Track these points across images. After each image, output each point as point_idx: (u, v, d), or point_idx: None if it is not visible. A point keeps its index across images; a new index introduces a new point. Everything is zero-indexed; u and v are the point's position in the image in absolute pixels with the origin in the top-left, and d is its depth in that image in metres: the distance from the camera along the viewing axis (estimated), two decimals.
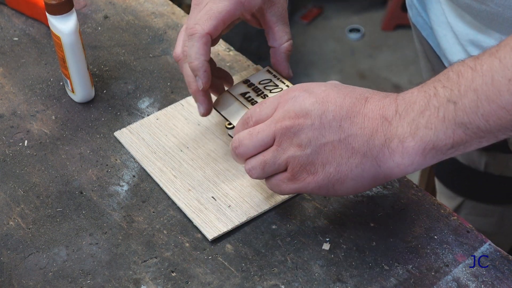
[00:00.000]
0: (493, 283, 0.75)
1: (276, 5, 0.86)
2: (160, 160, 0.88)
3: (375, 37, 2.68)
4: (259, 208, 0.82)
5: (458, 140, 0.68)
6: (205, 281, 0.76)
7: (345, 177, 0.72)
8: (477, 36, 0.87)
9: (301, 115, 0.72)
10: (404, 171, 0.71)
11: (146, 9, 1.12)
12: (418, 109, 0.69)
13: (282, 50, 0.87)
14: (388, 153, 0.70)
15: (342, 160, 0.71)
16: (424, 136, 0.68)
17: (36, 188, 0.87)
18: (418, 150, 0.69)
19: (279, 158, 0.74)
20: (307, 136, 0.72)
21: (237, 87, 0.88)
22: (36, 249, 0.80)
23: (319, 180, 0.73)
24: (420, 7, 1.03)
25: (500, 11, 0.80)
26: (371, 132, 0.71)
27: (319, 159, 0.72)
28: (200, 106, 0.85)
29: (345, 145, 0.71)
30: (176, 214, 0.83)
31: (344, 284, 0.76)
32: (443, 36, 0.95)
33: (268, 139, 0.74)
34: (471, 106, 0.66)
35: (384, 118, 0.71)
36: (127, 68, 1.02)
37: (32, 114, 0.96)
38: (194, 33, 0.80)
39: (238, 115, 0.84)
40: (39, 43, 1.07)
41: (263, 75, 0.89)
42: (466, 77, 0.66)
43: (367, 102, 0.72)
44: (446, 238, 0.79)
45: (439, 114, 0.68)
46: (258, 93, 0.86)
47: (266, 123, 0.74)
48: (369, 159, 0.71)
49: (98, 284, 0.77)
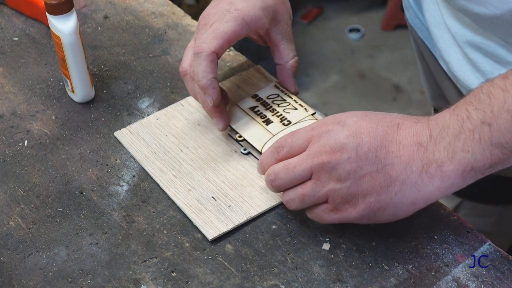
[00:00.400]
0: (493, 283, 0.75)
1: (281, 24, 0.89)
2: (160, 160, 0.88)
3: (375, 37, 2.68)
4: (259, 208, 0.82)
5: (496, 159, 0.69)
6: (205, 281, 0.76)
7: (386, 206, 0.73)
8: (474, 38, 0.87)
9: (337, 149, 0.73)
10: (443, 193, 0.72)
11: (146, 9, 1.12)
12: (453, 133, 0.70)
13: (288, 67, 0.90)
14: (427, 178, 0.71)
15: (381, 190, 0.72)
16: (462, 159, 0.69)
17: (36, 188, 0.87)
18: (457, 173, 0.70)
19: (319, 192, 0.74)
20: (345, 170, 0.72)
21: (246, 101, 0.92)
22: (36, 249, 0.80)
23: (360, 210, 0.74)
24: (417, 8, 1.03)
25: (499, 13, 0.80)
26: (407, 159, 0.71)
27: (359, 190, 0.73)
28: (218, 122, 0.87)
29: (383, 174, 0.72)
30: (176, 214, 0.83)
31: (344, 284, 0.76)
32: (440, 37, 0.95)
33: (305, 173, 0.75)
34: (506, 126, 0.67)
35: (419, 144, 0.71)
36: (127, 68, 1.02)
37: (32, 114, 0.96)
38: (201, 52, 0.83)
39: (248, 128, 0.88)
40: (39, 43, 1.07)
41: (270, 90, 0.92)
42: (498, 98, 0.67)
43: (399, 129, 0.72)
44: (446, 238, 0.79)
45: (474, 136, 0.68)
46: (267, 107, 0.90)
47: (302, 157, 0.75)
48: (408, 186, 0.72)
49: (98, 284, 0.77)
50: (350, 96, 2.44)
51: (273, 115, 0.89)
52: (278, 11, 0.88)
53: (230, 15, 0.84)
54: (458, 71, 0.92)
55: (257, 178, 0.85)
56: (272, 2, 0.87)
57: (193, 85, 0.88)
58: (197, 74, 0.83)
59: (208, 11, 0.87)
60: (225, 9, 0.85)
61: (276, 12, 0.88)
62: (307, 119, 0.89)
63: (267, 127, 0.88)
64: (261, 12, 0.86)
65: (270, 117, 0.89)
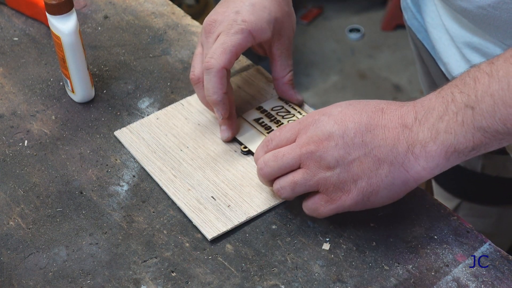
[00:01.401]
0: (493, 283, 0.75)
1: (283, 38, 0.90)
2: (160, 159, 0.88)
3: (375, 37, 2.68)
4: (259, 208, 0.82)
5: (478, 142, 0.70)
6: (205, 281, 0.76)
7: (378, 188, 0.74)
8: (473, 39, 0.87)
9: (324, 138, 0.74)
10: (431, 173, 0.73)
11: (146, 9, 1.12)
12: (437, 115, 0.71)
13: (284, 81, 0.91)
14: (413, 159, 0.72)
15: (371, 173, 0.73)
16: (445, 140, 0.71)
17: (36, 188, 0.87)
18: (440, 153, 0.71)
19: (310, 180, 0.75)
20: (334, 157, 0.74)
21: (251, 113, 0.92)
22: (36, 249, 0.80)
23: (354, 196, 0.74)
24: (415, 10, 1.03)
25: (497, 14, 0.80)
26: (393, 141, 0.73)
27: (350, 176, 0.74)
28: (225, 131, 0.89)
29: (371, 158, 0.73)
30: (176, 214, 0.83)
31: (344, 284, 0.76)
32: (438, 38, 0.95)
33: (294, 162, 0.76)
34: (489, 111, 0.68)
35: (404, 126, 0.73)
36: (127, 68, 1.02)
37: (32, 114, 0.96)
38: (211, 68, 0.84)
39: (253, 139, 0.89)
40: (39, 43, 1.07)
41: (275, 102, 0.93)
42: (483, 83, 0.68)
43: (384, 113, 0.74)
44: (446, 238, 0.79)
45: (457, 119, 0.70)
46: (271, 118, 0.91)
47: (291, 146, 0.76)
48: (396, 167, 0.73)
49: (98, 284, 0.77)
50: (350, 96, 2.44)
51: (278, 126, 0.90)
52: (283, 25, 0.89)
53: (238, 27, 0.85)
54: (457, 72, 0.92)
55: (257, 178, 0.85)
56: (279, 16, 0.88)
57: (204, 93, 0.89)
58: (208, 90, 0.85)
59: (213, 18, 0.88)
60: (231, 19, 0.85)
61: (281, 27, 0.88)
62: None
63: None
64: (266, 26, 0.86)
65: (275, 128, 0.89)
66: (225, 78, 0.85)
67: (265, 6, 0.86)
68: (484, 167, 1.18)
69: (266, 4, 0.87)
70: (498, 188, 1.22)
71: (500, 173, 1.19)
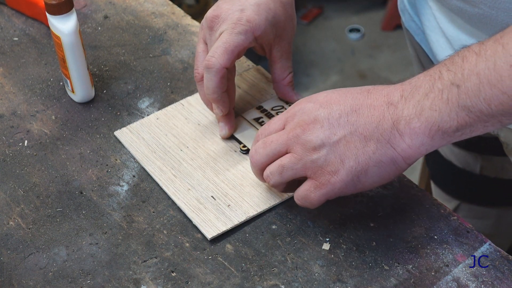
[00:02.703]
0: (493, 283, 0.75)
1: (284, 41, 0.90)
2: (160, 159, 0.88)
3: (375, 37, 2.68)
4: (259, 208, 0.82)
5: (463, 122, 0.69)
6: (205, 281, 0.76)
7: (367, 166, 0.73)
8: (469, 41, 0.87)
9: (309, 121, 0.74)
10: (417, 152, 0.72)
11: (146, 9, 1.12)
12: (423, 92, 0.71)
13: (284, 84, 0.91)
14: (398, 135, 0.72)
15: (358, 151, 0.73)
16: (429, 117, 0.70)
17: (36, 188, 0.87)
18: (424, 130, 0.71)
19: (297, 164, 0.75)
20: (319, 138, 0.73)
21: (251, 112, 0.92)
22: (36, 249, 0.80)
23: (343, 177, 0.73)
24: (413, 12, 1.02)
25: (493, 14, 0.80)
26: (378, 118, 0.72)
27: (337, 156, 0.73)
28: (223, 127, 0.90)
29: (357, 136, 0.73)
30: (176, 214, 0.83)
31: (344, 284, 0.76)
32: (435, 41, 0.95)
33: (281, 147, 0.76)
34: (474, 90, 0.67)
35: (390, 103, 0.73)
36: (127, 68, 1.02)
37: (32, 114, 0.96)
38: (211, 67, 0.84)
39: (252, 138, 0.88)
40: (39, 43, 1.07)
41: (275, 102, 0.93)
42: (470, 61, 0.68)
43: (370, 93, 0.74)
44: (446, 238, 0.79)
45: (443, 96, 0.69)
46: (271, 118, 0.90)
47: (279, 133, 0.77)
48: (383, 144, 0.72)
49: (98, 284, 0.77)
50: None
51: None
52: (285, 28, 0.89)
53: (241, 27, 0.85)
54: None
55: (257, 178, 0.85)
56: (282, 19, 0.88)
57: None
58: (208, 89, 0.86)
59: (217, 13, 0.87)
60: (236, 18, 0.85)
61: (283, 29, 0.88)
62: None
63: None
64: (269, 28, 0.86)
65: None
66: (225, 77, 0.85)
67: (270, 7, 0.86)
68: (483, 168, 1.18)
69: (271, 5, 0.86)
70: (497, 189, 1.22)
71: (498, 175, 1.19)
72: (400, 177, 0.85)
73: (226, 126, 0.89)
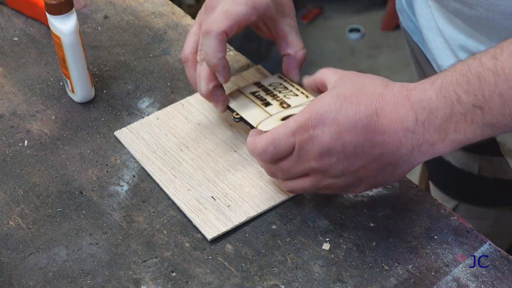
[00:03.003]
0: (493, 283, 0.75)
1: (288, 17, 0.89)
2: (160, 159, 0.88)
3: (375, 37, 2.68)
4: (259, 208, 0.82)
5: (486, 135, 0.70)
6: (205, 281, 0.76)
7: (384, 182, 0.77)
8: (467, 42, 0.87)
9: (324, 155, 0.74)
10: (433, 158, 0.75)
11: (146, 9, 1.12)
12: (443, 116, 0.70)
13: (297, 58, 0.88)
14: (418, 154, 0.73)
15: (378, 173, 0.75)
16: (454, 139, 0.70)
17: (36, 188, 0.87)
18: (449, 149, 0.72)
19: (318, 185, 0.77)
20: (338, 169, 0.74)
21: (248, 87, 0.90)
22: (36, 249, 0.80)
23: (362, 189, 0.77)
24: (410, 12, 1.02)
25: (490, 16, 0.80)
26: (396, 146, 0.72)
27: (356, 179, 0.76)
28: (217, 105, 0.87)
29: (376, 163, 0.74)
30: (176, 214, 0.83)
31: (344, 284, 0.76)
32: (432, 41, 0.95)
33: (301, 173, 0.77)
34: (498, 109, 0.67)
35: (406, 129, 0.71)
36: (127, 68, 1.02)
37: (32, 114, 0.96)
38: (210, 31, 0.82)
39: (246, 107, 0.87)
40: (39, 43, 1.07)
41: (274, 79, 0.91)
42: (489, 82, 0.67)
43: (379, 117, 0.72)
44: (446, 238, 0.79)
45: (466, 119, 0.69)
46: (268, 92, 0.89)
47: (293, 162, 0.76)
48: (401, 164, 0.74)
49: (98, 284, 0.77)
50: None
51: (273, 99, 0.87)
52: (285, 4, 0.88)
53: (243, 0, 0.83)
54: None
55: (257, 178, 0.85)
56: None
57: (193, 72, 0.87)
58: (207, 54, 0.82)
59: None
60: None
61: (283, 5, 0.88)
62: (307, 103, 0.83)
63: (265, 108, 0.86)
64: (270, 2, 0.85)
65: (270, 100, 0.87)
66: (225, 43, 0.82)
67: None
68: (481, 168, 1.18)
69: None
70: (495, 190, 1.22)
71: (497, 175, 1.19)
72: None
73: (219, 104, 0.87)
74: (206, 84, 0.86)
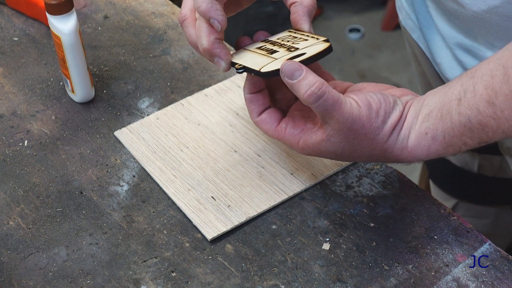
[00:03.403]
0: (493, 283, 0.75)
1: None
2: (160, 159, 0.88)
3: (375, 37, 2.68)
4: (259, 208, 0.82)
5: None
6: (205, 281, 0.76)
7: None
8: (464, 40, 0.87)
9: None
10: None
11: (146, 9, 1.12)
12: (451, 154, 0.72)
13: (305, 3, 0.78)
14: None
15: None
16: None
17: (36, 188, 0.87)
18: None
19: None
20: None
21: (254, 44, 0.82)
22: (36, 249, 0.80)
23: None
24: (410, 10, 1.02)
25: (488, 17, 0.80)
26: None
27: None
28: (219, 61, 0.77)
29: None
30: (176, 214, 0.83)
31: (344, 284, 0.76)
32: (431, 39, 0.95)
33: None
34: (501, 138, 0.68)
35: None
36: (127, 68, 1.02)
37: (32, 114, 0.96)
38: None
39: (250, 59, 0.78)
40: (39, 43, 1.07)
41: (283, 34, 0.81)
42: (491, 126, 0.67)
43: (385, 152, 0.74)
44: (446, 238, 0.79)
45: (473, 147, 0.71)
46: (275, 44, 0.79)
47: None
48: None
49: (98, 284, 0.77)
50: None
51: (280, 47, 0.78)
52: None
53: None
54: (449, 73, 0.92)
55: (257, 178, 0.85)
56: None
57: (192, 30, 0.80)
58: (196, 1, 0.75)
59: None
60: None
61: None
62: (317, 43, 0.78)
63: (270, 55, 0.76)
64: None
65: (276, 48, 0.78)
66: None
67: None
68: (481, 167, 1.18)
69: None
70: (495, 188, 1.22)
71: (496, 174, 1.19)
72: (400, 177, 0.85)
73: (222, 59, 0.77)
74: (208, 36, 0.77)
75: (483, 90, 0.67)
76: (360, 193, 0.84)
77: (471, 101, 0.68)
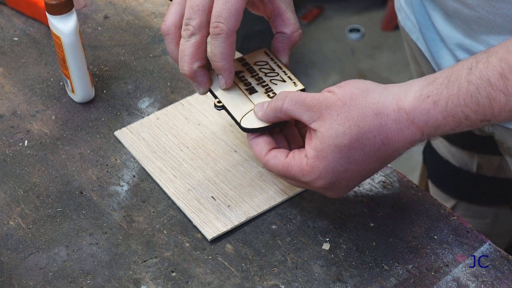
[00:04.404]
0: (493, 283, 0.75)
1: None
2: (160, 159, 0.88)
3: (375, 37, 2.68)
4: (259, 208, 0.82)
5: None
6: (205, 281, 0.76)
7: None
8: (464, 41, 0.87)
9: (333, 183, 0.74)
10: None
11: (146, 9, 1.12)
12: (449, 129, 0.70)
13: (291, 38, 0.82)
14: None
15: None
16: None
17: (36, 188, 0.87)
18: None
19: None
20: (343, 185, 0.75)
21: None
22: (36, 249, 0.80)
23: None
24: (409, 10, 1.02)
25: (491, 18, 0.80)
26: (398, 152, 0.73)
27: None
28: (198, 86, 0.81)
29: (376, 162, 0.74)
30: (176, 214, 0.83)
31: (344, 284, 0.76)
32: (431, 39, 0.95)
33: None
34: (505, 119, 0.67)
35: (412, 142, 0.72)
36: (127, 68, 1.02)
37: (32, 114, 0.96)
38: (220, 33, 0.77)
39: (230, 95, 0.81)
40: (39, 43, 1.07)
41: (259, 56, 0.84)
42: (499, 101, 0.66)
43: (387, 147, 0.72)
44: (446, 238, 0.79)
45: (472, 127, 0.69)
46: (253, 74, 0.83)
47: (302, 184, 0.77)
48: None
49: (98, 284, 0.77)
50: None
51: (258, 84, 0.82)
52: None
53: None
54: None
55: (257, 178, 0.85)
56: None
57: (174, 48, 0.81)
58: (215, 55, 0.78)
59: None
60: None
61: None
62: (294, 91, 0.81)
63: (249, 96, 0.81)
64: None
65: (254, 85, 0.82)
66: (234, 43, 0.79)
67: None
68: (480, 167, 1.18)
69: None
70: (494, 188, 1.22)
71: (495, 174, 1.19)
72: (400, 177, 0.85)
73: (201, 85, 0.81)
74: (190, 63, 0.79)
75: (497, 62, 0.65)
76: (360, 193, 0.84)
77: (483, 71, 0.66)
